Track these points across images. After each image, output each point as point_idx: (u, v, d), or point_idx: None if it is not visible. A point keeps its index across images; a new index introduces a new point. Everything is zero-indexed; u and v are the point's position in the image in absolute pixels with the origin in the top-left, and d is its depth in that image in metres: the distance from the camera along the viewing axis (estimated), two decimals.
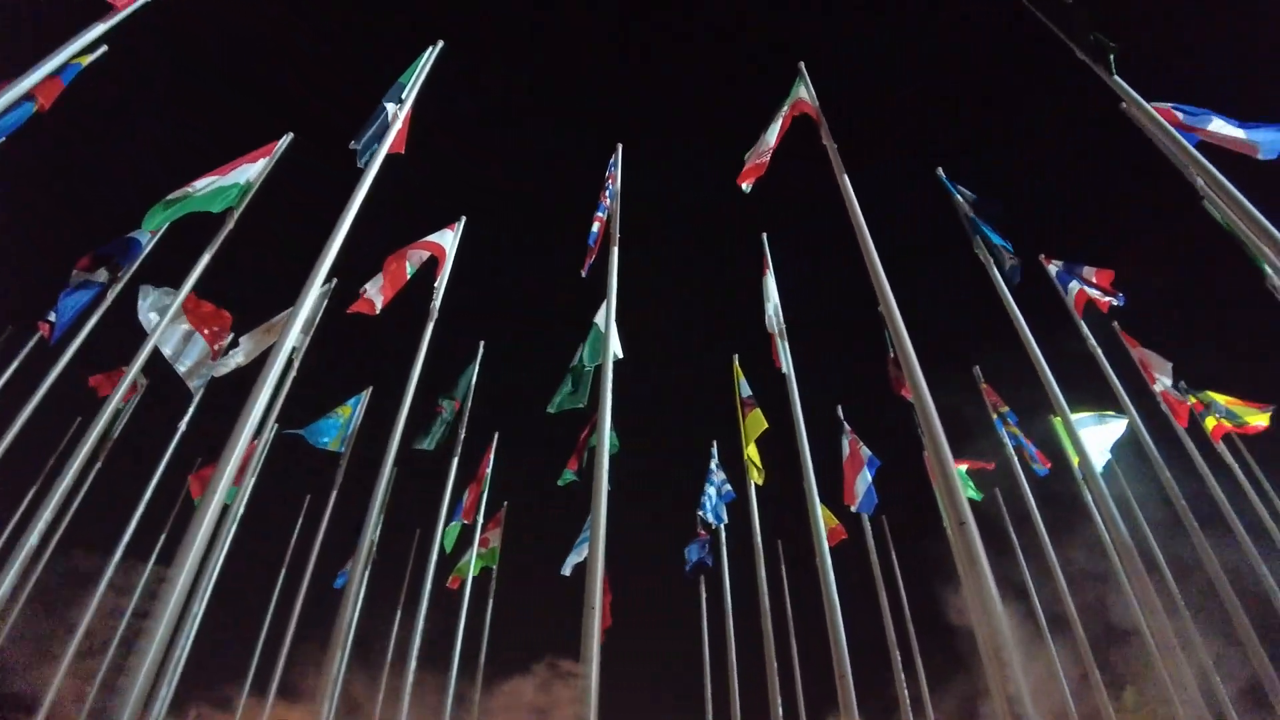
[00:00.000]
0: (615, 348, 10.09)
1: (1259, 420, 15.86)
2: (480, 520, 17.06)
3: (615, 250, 10.98)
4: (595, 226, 11.58)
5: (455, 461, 14.26)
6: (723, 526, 16.94)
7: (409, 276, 13.13)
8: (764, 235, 13.72)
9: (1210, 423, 15.42)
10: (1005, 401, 15.43)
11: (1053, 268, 13.55)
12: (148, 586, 18.03)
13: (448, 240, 13.29)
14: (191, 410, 14.21)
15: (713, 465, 17.15)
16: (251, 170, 12.09)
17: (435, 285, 12.85)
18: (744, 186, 11.38)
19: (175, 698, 13.12)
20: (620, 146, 12.69)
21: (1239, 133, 9.10)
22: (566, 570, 16.79)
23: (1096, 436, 13.06)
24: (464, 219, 13.79)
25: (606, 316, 10.05)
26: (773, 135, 11.34)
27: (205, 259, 11.31)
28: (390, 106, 10.43)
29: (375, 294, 12.75)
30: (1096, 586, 16.77)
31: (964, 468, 17.25)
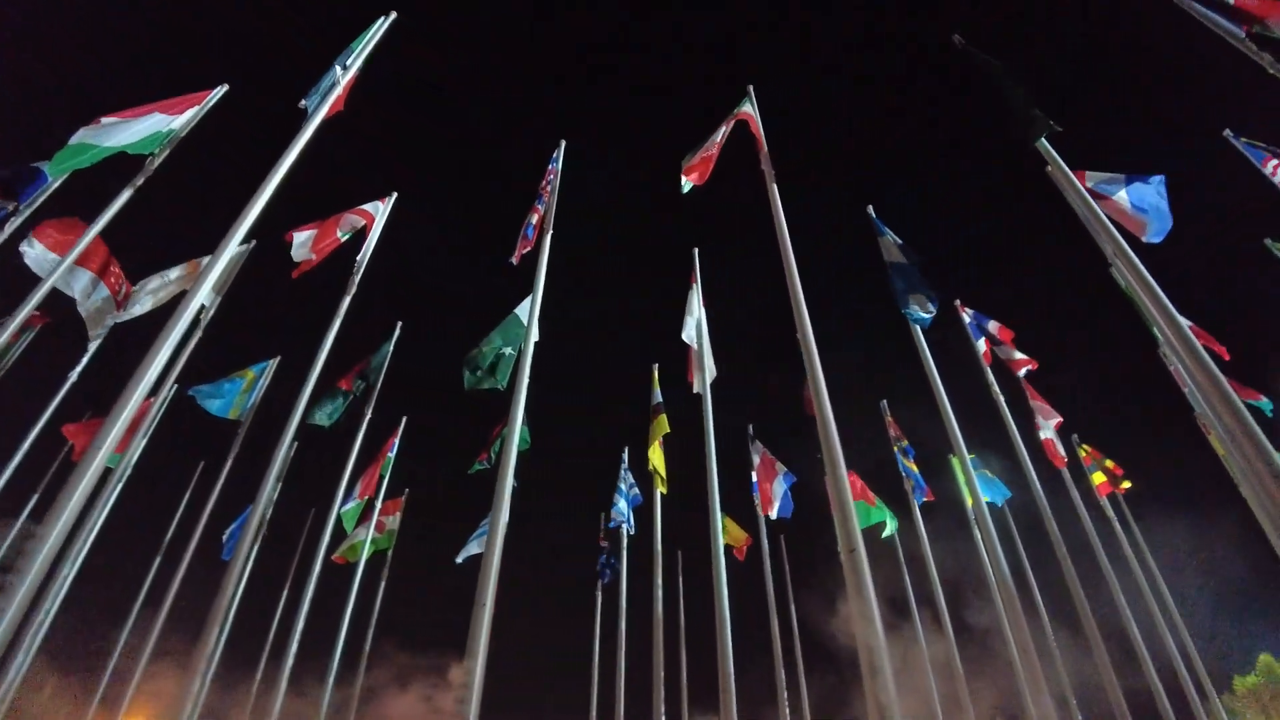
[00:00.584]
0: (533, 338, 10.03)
1: (1125, 484, 17.11)
2: (378, 502, 16.61)
3: (548, 244, 10.93)
4: (533, 219, 11.52)
5: (359, 441, 13.92)
6: (625, 531, 17.00)
7: (341, 241, 12.83)
8: (695, 250, 13.85)
9: (1098, 478, 16.38)
10: (909, 436, 16.02)
11: (966, 315, 14.15)
12: (15, 543, 16.99)
13: (378, 212, 13.02)
14: (86, 359, 13.46)
15: (623, 470, 17.26)
16: (178, 118, 11.60)
17: (358, 258, 12.56)
18: (685, 183, 11.39)
19: (36, 664, 12.38)
20: (564, 143, 12.68)
21: (1136, 210, 9.60)
22: (460, 559, 16.56)
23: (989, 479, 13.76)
24: (395, 195, 13.53)
25: (531, 309, 9.98)
26: (718, 136, 11.43)
27: (118, 203, 10.76)
28: (338, 69, 10.25)
29: (306, 253, 12.44)
30: (978, 615, 17.45)
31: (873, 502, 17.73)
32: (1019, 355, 14.24)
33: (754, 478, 16.04)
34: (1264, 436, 5.81)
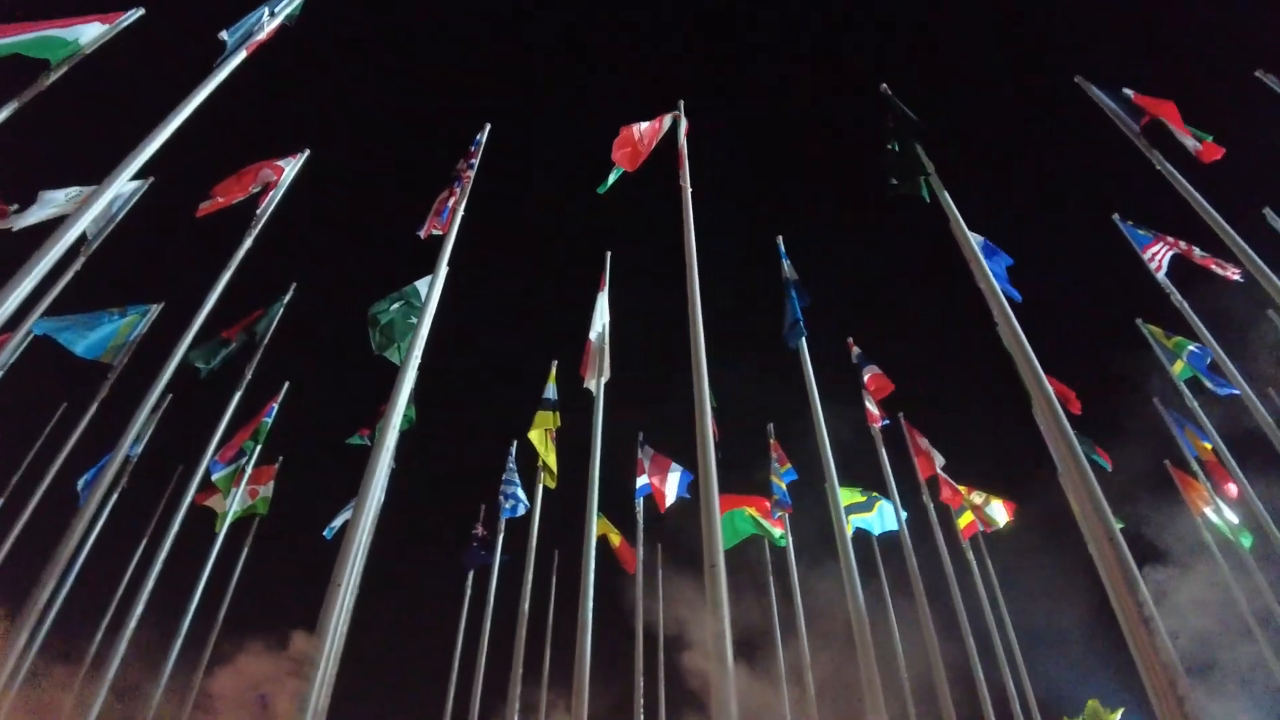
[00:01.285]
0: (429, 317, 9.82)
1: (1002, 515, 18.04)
2: (249, 467, 15.87)
3: (456, 226, 10.77)
4: (450, 200, 11.33)
5: (236, 399, 13.38)
6: (503, 525, 16.84)
7: (250, 193, 12.38)
8: (608, 253, 13.85)
9: (962, 522, 17.23)
10: (792, 461, 16.44)
11: (855, 351, 14.77)
12: None
13: (288, 168, 12.56)
14: None
15: (510, 462, 17.17)
16: (85, 32, 10.87)
17: (259, 210, 12.08)
18: (610, 175, 11.34)
19: None
20: (489, 126, 12.56)
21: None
22: (329, 533, 16.07)
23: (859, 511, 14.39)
24: (308, 152, 13.10)
25: (431, 288, 9.76)
26: (647, 132, 11.44)
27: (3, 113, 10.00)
28: (265, 12, 9.90)
29: (214, 198, 12.03)
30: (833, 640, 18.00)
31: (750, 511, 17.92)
32: (872, 407, 14.83)
33: (639, 483, 16.16)
34: (1104, 500, 6.21)
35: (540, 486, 13.57)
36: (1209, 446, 16.37)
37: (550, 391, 14.12)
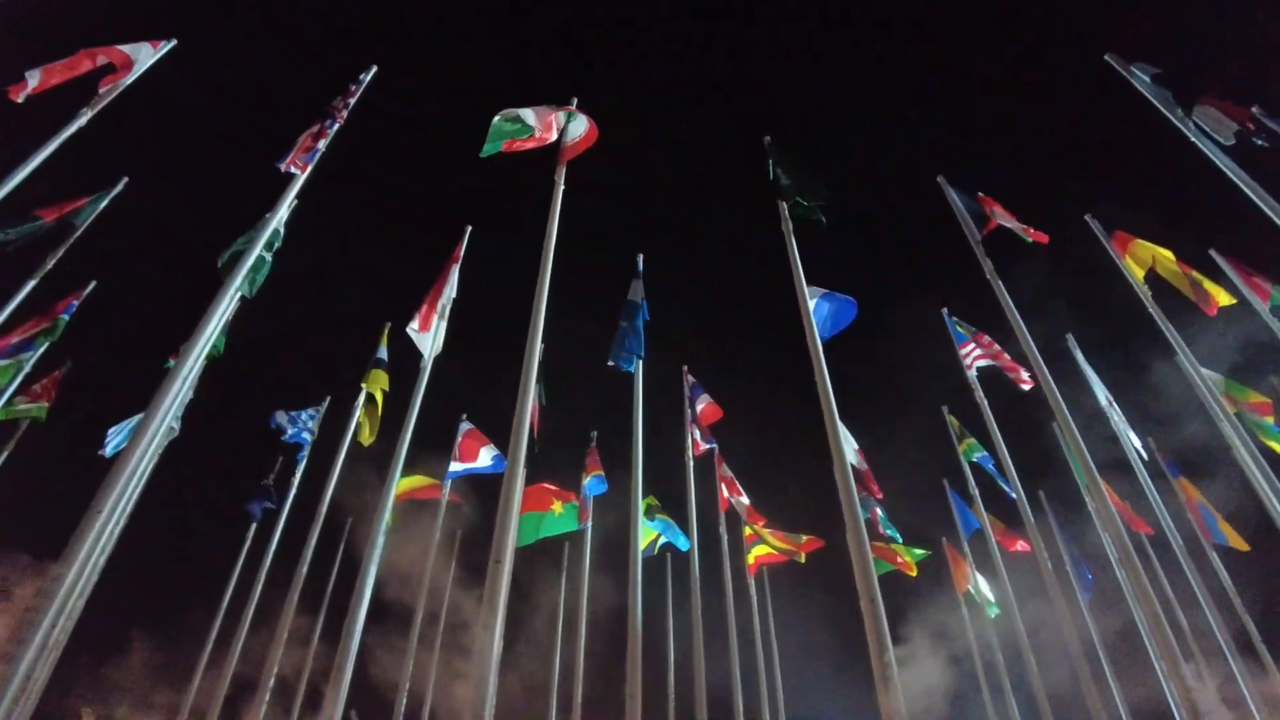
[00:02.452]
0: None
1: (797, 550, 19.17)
2: (29, 364, 14.17)
3: (313, 164, 10.26)
4: (319, 140, 10.81)
5: (30, 287, 12.11)
6: (297, 480, 16.04)
7: (81, 73, 11.23)
8: (468, 227, 13.55)
9: (751, 556, 18.22)
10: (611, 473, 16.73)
11: (689, 380, 15.33)
12: None
13: (140, 57, 11.46)
14: None
15: (313, 412, 16.62)
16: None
17: (101, 91, 10.97)
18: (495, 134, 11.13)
19: None
20: (375, 69, 12.07)
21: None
22: (108, 451, 14.70)
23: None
24: (174, 41, 12.06)
25: (274, 220, 9.23)
26: (538, 126, 11.29)
27: None
28: None
29: (34, 78, 10.85)
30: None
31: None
32: (699, 438, 15.49)
33: (451, 466, 15.92)
34: (873, 563, 6.75)
35: (344, 442, 13.13)
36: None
37: (382, 352, 13.72)
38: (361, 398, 13.40)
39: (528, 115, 11.13)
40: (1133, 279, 12.58)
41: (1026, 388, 14.38)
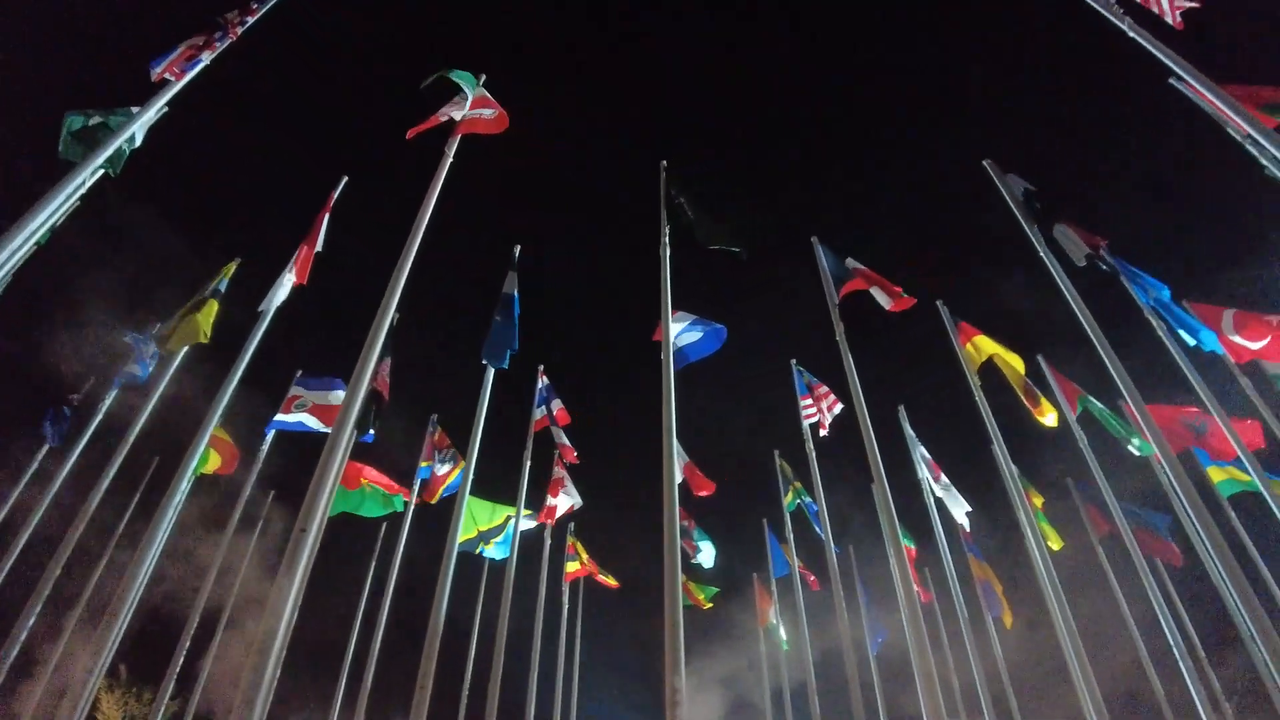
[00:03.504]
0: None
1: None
2: None
3: (191, 74, 9.49)
4: (203, 52, 10.04)
5: None
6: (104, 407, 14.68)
7: None
8: (344, 178, 12.62)
9: (571, 566, 18.46)
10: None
11: (543, 381, 15.34)
12: None
13: None
14: None
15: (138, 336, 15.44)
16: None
17: None
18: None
19: None
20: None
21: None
22: None
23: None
24: None
25: (138, 121, 8.43)
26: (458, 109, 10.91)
27: None
28: None
29: None
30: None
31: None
32: (566, 442, 15.58)
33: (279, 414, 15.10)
34: (681, 592, 6.92)
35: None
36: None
37: (222, 285, 12.81)
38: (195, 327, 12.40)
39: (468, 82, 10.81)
40: (967, 368, 13.53)
41: (823, 432, 15.13)
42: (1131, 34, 9.53)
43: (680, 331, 10.23)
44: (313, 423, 14.69)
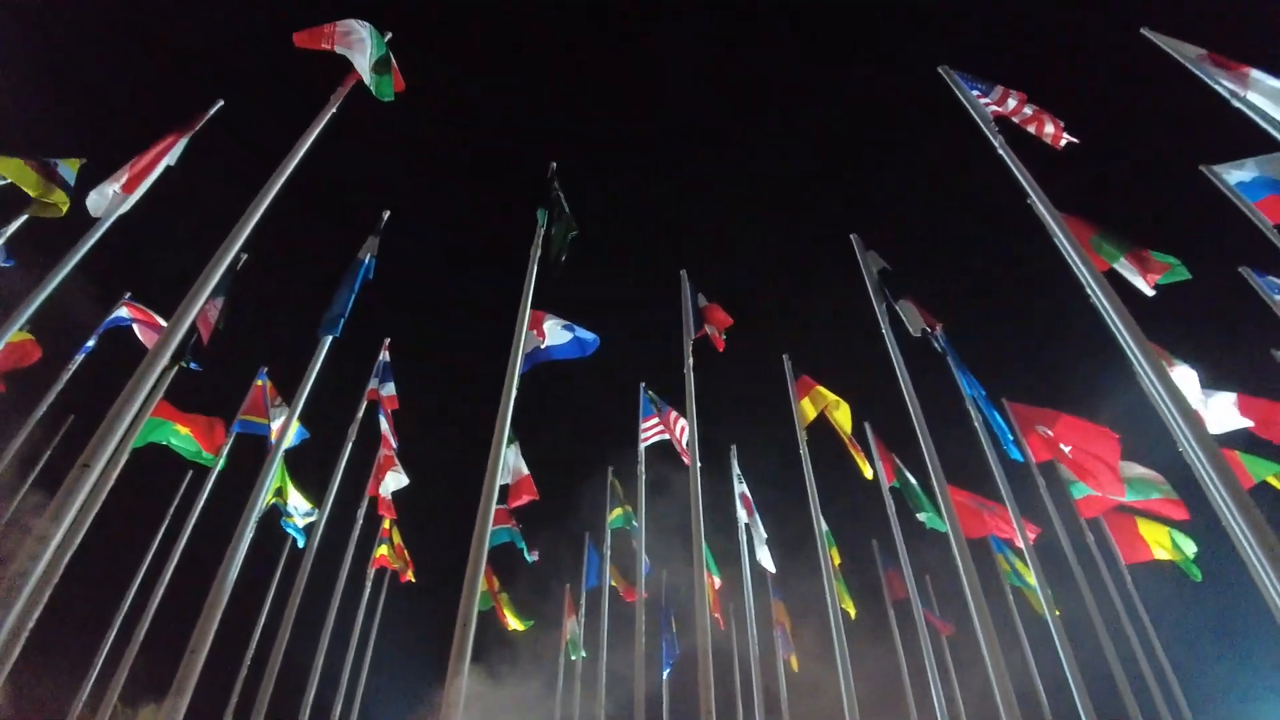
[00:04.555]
0: None
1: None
2: None
3: None
4: None
5: None
6: None
7: None
8: (219, 101, 11.55)
9: (377, 553, 18.08)
10: None
11: (385, 357, 15.02)
12: None
13: None
14: None
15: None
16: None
17: None
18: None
19: None
20: None
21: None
22: None
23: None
24: None
25: None
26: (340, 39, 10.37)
27: None
28: None
29: None
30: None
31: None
32: (387, 429, 15.25)
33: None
34: (480, 582, 6.88)
35: None
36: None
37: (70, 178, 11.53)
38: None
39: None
40: (798, 421, 14.23)
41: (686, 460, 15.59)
42: (1001, 151, 9.73)
43: (554, 331, 10.23)
44: (137, 330, 13.65)
